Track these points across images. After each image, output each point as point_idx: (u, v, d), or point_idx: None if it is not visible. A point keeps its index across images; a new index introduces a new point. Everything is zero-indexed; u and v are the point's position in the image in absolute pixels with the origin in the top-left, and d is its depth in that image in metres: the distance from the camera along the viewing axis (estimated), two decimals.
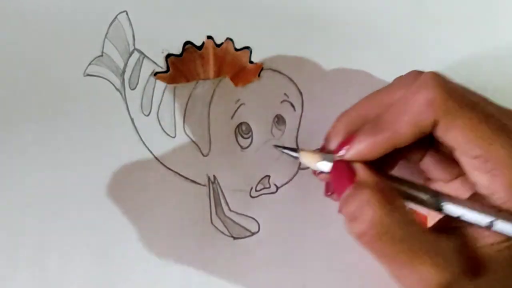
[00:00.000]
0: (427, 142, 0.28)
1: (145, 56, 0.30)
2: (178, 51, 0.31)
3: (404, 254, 0.24)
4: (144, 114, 0.31)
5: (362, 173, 0.26)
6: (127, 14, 0.30)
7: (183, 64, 0.31)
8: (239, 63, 0.31)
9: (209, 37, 0.31)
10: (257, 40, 0.32)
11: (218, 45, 0.31)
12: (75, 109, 0.30)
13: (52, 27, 0.29)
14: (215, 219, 0.32)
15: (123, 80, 0.30)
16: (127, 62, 0.30)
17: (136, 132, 0.31)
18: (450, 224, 0.26)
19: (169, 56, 0.31)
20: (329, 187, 0.29)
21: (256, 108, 0.32)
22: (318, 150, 0.29)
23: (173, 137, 0.31)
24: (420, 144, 0.26)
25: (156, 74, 0.31)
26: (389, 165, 0.29)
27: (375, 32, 0.33)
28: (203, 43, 0.31)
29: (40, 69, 0.29)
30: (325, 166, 0.28)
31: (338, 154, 0.27)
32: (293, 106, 0.32)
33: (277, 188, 0.32)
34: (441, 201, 0.26)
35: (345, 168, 0.26)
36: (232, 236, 0.32)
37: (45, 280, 0.30)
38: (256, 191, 0.32)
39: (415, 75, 0.27)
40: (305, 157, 0.28)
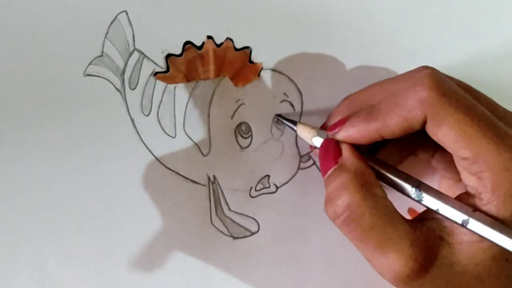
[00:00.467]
0: None
1: (145, 56, 0.30)
2: (178, 51, 0.31)
3: (375, 240, 0.25)
4: (144, 114, 0.31)
5: (346, 155, 0.27)
6: (127, 14, 0.30)
7: (183, 64, 0.31)
8: (239, 63, 0.31)
9: (209, 37, 0.31)
10: (257, 40, 0.31)
11: (218, 45, 0.31)
12: (75, 109, 0.30)
13: (52, 27, 0.29)
14: (215, 219, 0.32)
15: (123, 80, 0.30)
16: (127, 62, 0.30)
17: (136, 132, 0.31)
18: (431, 216, 0.27)
19: (169, 56, 0.31)
20: None
21: (256, 108, 0.32)
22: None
23: (173, 137, 0.31)
24: (430, 141, 0.26)
25: (156, 74, 0.31)
26: (398, 160, 0.30)
27: (376, 32, 0.33)
28: (203, 43, 0.31)
29: (40, 69, 0.29)
30: (318, 142, 0.29)
31: (331, 132, 0.28)
32: (293, 106, 0.32)
33: (277, 188, 0.32)
34: (422, 192, 0.26)
35: (332, 147, 0.27)
36: (232, 236, 0.32)
37: (46, 280, 0.30)
38: (256, 191, 0.32)
39: (419, 70, 0.27)
40: (302, 130, 0.30)
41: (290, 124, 0.31)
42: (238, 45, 0.31)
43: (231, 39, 0.31)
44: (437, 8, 0.33)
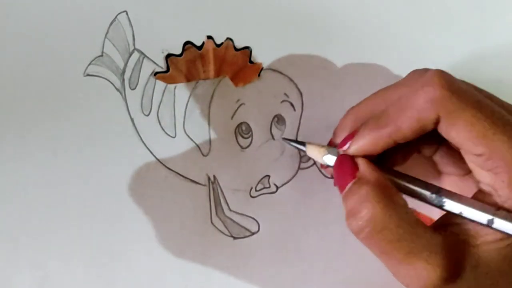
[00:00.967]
0: (440, 137, 0.28)
1: (145, 56, 0.30)
2: (178, 51, 0.31)
3: (400, 251, 0.25)
4: (144, 114, 0.31)
5: (363, 168, 0.26)
6: (127, 14, 0.30)
7: (183, 64, 0.31)
8: (239, 63, 0.31)
9: (209, 37, 0.31)
10: (257, 40, 0.32)
11: (218, 45, 0.31)
12: (75, 109, 0.30)
13: (52, 27, 0.29)
14: (215, 219, 0.32)
15: (123, 80, 0.30)
16: (127, 62, 0.30)
17: (136, 132, 0.31)
18: (452, 221, 0.26)
19: (169, 56, 0.31)
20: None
21: (256, 108, 0.32)
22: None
23: (173, 137, 0.31)
24: (432, 138, 0.26)
25: (156, 74, 0.31)
26: (402, 159, 0.30)
27: (376, 32, 0.33)
28: (203, 43, 0.31)
29: (40, 69, 0.29)
30: (331, 160, 0.28)
31: (342, 148, 0.27)
32: (293, 106, 0.32)
33: (277, 188, 0.32)
34: (442, 198, 0.26)
35: (347, 163, 0.27)
36: (232, 236, 0.32)
37: (46, 281, 0.30)
38: (256, 191, 0.32)
39: (423, 73, 0.27)
40: (311, 150, 0.29)
41: (298, 146, 0.30)
42: (238, 45, 0.31)
43: (231, 39, 0.31)
44: (437, 8, 0.33)
